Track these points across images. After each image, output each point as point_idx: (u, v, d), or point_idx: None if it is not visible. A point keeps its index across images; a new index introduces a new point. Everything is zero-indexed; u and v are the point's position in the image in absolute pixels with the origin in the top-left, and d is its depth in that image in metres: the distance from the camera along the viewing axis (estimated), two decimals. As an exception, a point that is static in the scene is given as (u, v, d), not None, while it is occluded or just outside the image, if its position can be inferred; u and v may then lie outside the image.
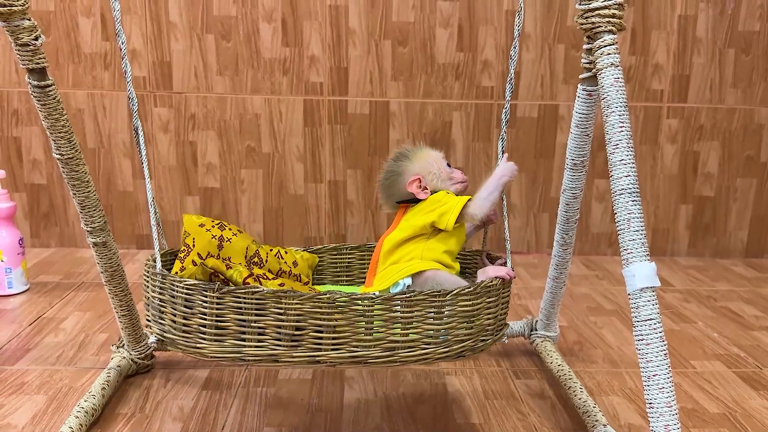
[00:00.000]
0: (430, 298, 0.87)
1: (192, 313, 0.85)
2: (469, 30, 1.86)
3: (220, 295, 0.84)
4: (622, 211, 0.80)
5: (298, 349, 0.85)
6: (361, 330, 0.86)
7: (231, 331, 0.85)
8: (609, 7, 0.84)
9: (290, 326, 0.84)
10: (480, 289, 0.90)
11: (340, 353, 0.86)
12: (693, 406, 1.16)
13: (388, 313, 0.86)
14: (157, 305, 0.89)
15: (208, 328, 0.85)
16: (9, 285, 1.55)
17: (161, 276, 0.87)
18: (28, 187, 1.90)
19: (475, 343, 0.91)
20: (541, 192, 1.97)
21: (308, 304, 0.83)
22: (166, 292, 0.87)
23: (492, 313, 0.93)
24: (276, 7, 1.83)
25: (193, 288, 0.84)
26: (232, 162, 1.91)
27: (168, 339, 0.88)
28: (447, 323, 0.88)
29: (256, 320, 0.84)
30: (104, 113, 1.86)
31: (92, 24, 1.81)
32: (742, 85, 1.93)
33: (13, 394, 1.13)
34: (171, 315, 0.87)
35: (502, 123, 1.06)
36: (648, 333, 0.78)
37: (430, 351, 0.88)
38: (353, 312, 0.85)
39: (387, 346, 0.87)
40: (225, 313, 0.84)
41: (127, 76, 0.91)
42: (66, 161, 0.99)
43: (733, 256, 2.04)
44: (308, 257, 1.15)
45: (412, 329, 0.87)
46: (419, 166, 1.06)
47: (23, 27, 0.85)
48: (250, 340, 0.85)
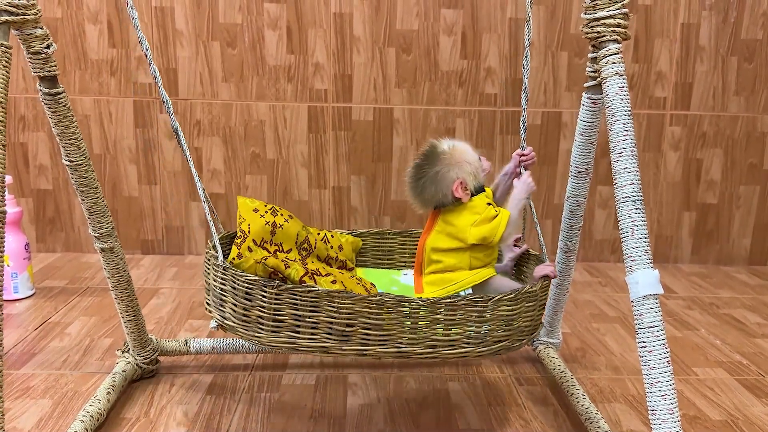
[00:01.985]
0: (473, 303, 0.91)
1: (251, 305, 0.90)
2: (472, 37, 1.87)
3: (279, 292, 0.89)
4: (625, 219, 0.81)
5: (348, 343, 0.90)
6: (407, 329, 0.90)
7: (287, 324, 0.90)
8: (614, 16, 0.85)
9: (341, 323, 0.89)
10: (520, 295, 0.94)
11: (386, 348, 0.91)
12: (695, 413, 1.16)
13: (432, 315, 0.90)
14: (219, 293, 0.94)
15: (266, 320, 0.90)
16: (15, 290, 1.56)
17: (223, 268, 0.92)
18: (34, 193, 1.91)
19: (512, 342, 0.96)
20: (545, 199, 1.98)
21: (359, 304, 0.88)
22: (228, 283, 0.92)
23: (530, 315, 0.97)
24: (281, 15, 1.84)
25: (254, 283, 0.90)
26: (236, 168, 1.92)
27: (228, 326, 0.94)
28: (488, 326, 0.93)
29: (310, 316, 0.89)
30: (110, 119, 1.88)
31: (99, 31, 1.83)
32: (744, 93, 1.94)
33: (19, 398, 1.14)
34: (231, 304, 0.92)
35: (521, 132, 1.09)
36: (651, 340, 0.78)
37: (469, 350, 0.93)
38: (400, 313, 0.90)
39: (429, 344, 0.91)
40: (282, 308, 0.89)
41: (158, 80, 0.92)
42: (75, 167, 1.00)
43: (736, 264, 2.04)
44: (353, 240, 1.19)
45: (454, 330, 0.91)
46: (459, 168, 1.04)
47: (36, 35, 0.87)
48: (304, 333, 0.90)
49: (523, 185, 1.05)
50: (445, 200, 1.05)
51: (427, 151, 1.07)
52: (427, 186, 1.05)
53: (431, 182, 1.05)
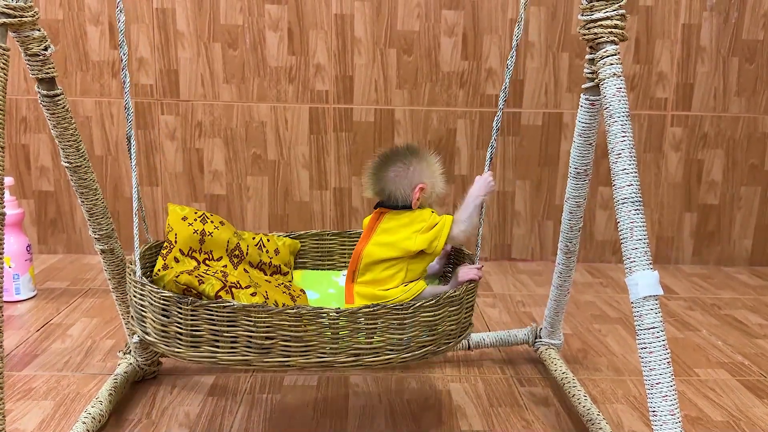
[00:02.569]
0: (393, 311, 0.90)
1: (169, 321, 0.89)
2: (473, 38, 1.87)
3: (194, 308, 0.87)
4: (624, 220, 0.81)
5: (269, 355, 0.89)
6: (327, 339, 0.89)
7: (205, 339, 0.88)
8: (611, 18, 0.85)
9: (260, 336, 0.88)
10: (443, 300, 0.93)
11: (308, 359, 0.89)
12: (697, 414, 1.16)
13: (353, 325, 0.89)
14: (139, 308, 0.93)
15: (184, 335, 0.89)
16: (17, 291, 1.57)
17: (140, 284, 0.91)
18: (35, 194, 1.91)
19: (437, 347, 0.95)
20: (546, 199, 1.98)
21: (277, 317, 0.87)
22: (146, 299, 0.91)
23: (455, 319, 0.95)
24: (282, 16, 1.84)
25: (169, 300, 0.88)
26: (238, 169, 1.92)
27: (149, 341, 0.93)
28: (410, 332, 0.91)
29: (228, 330, 0.88)
30: (111, 121, 1.88)
31: (100, 32, 1.83)
32: (746, 93, 1.94)
33: (21, 399, 1.14)
34: (151, 319, 0.91)
35: (493, 130, 1.05)
36: (651, 341, 0.78)
37: (393, 356, 0.92)
38: (319, 324, 0.88)
39: (352, 353, 0.90)
40: (199, 324, 0.88)
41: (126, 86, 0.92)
42: (74, 169, 1.00)
43: (737, 264, 2.04)
44: (290, 243, 1.17)
45: (377, 338, 0.90)
46: (430, 174, 1.04)
47: (33, 37, 0.87)
48: (224, 347, 0.89)
49: (483, 182, 1.02)
50: (396, 196, 1.03)
51: (412, 147, 1.06)
52: (394, 173, 1.03)
53: (400, 171, 1.03)
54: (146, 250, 1.01)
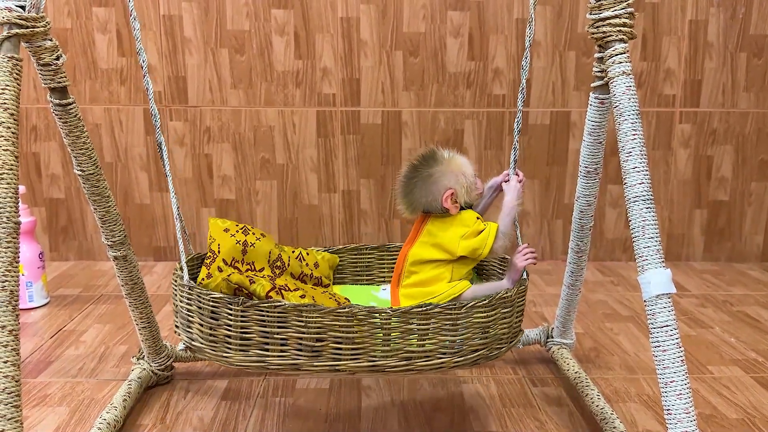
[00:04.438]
0: (446, 311, 0.88)
1: (218, 324, 0.88)
2: (479, 39, 1.87)
3: (245, 308, 0.86)
4: (636, 219, 0.81)
5: (319, 358, 0.87)
6: (379, 341, 0.88)
7: (255, 341, 0.87)
8: (620, 16, 0.85)
9: (311, 338, 0.86)
10: (495, 301, 0.91)
11: (358, 363, 0.88)
12: (711, 411, 1.16)
13: (405, 326, 0.87)
14: (185, 314, 0.92)
15: (233, 338, 0.88)
16: (30, 299, 1.58)
17: (188, 288, 0.90)
18: (47, 202, 1.92)
19: (489, 351, 0.93)
20: (555, 199, 1.97)
21: (328, 317, 0.86)
22: (194, 302, 0.90)
23: (507, 322, 0.94)
24: (288, 21, 1.85)
25: (219, 301, 0.87)
26: (246, 174, 1.92)
27: (195, 347, 0.92)
28: (462, 334, 0.90)
29: (278, 332, 0.86)
30: (121, 127, 1.89)
31: (108, 40, 1.84)
32: (754, 88, 1.93)
33: (37, 406, 1.15)
34: (198, 324, 0.90)
35: (514, 132, 1.07)
36: (665, 339, 0.78)
37: (445, 360, 0.90)
38: (371, 324, 0.87)
39: (404, 356, 0.89)
40: (249, 325, 0.87)
41: (149, 92, 0.93)
42: (87, 177, 1.01)
43: (748, 261, 2.03)
44: (329, 258, 1.17)
45: (428, 340, 0.89)
46: (453, 178, 1.02)
47: (45, 47, 0.88)
48: (273, 350, 0.87)
49: (515, 191, 1.03)
50: (431, 207, 1.03)
51: (426, 154, 1.05)
52: (418, 187, 1.03)
53: (422, 184, 1.02)
54: (188, 261, 1.00)
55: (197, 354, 0.92)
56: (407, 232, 1.96)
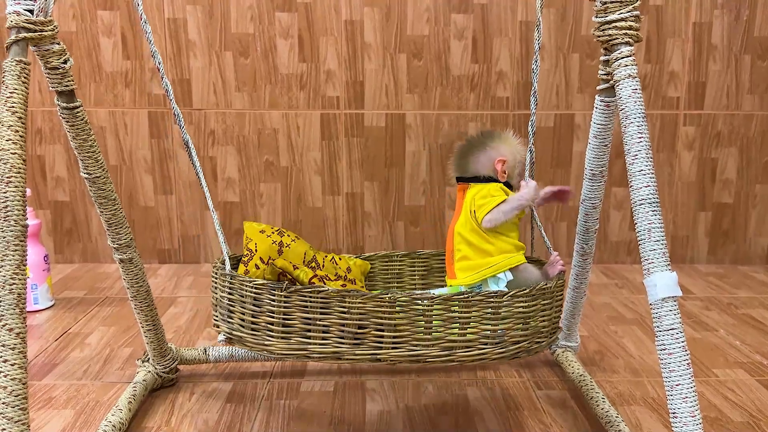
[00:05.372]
0: (487, 299, 0.90)
1: (260, 311, 0.90)
2: (483, 41, 1.88)
3: (288, 294, 0.88)
4: (642, 222, 0.81)
5: (360, 347, 0.89)
6: (421, 329, 0.89)
7: (297, 329, 0.89)
8: (626, 19, 0.85)
9: (353, 324, 0.88)
10: (536, 291, 0.93)
11: (399, 352, 0.89)
12: (716, 414, 1.16)
13: (446, 313, 0.89)
14: (226, 305, 0.93)
15: (275, 326, 0.89)
16: (35, 301, 1.58)
17: (230, 277, 0.92)
18: (51, 204, 1.93)
19: (530, 344, 0.94)
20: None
21: (370, 303, 0.88)
22: (236, 291, 0.91)
23: (547, 315, 0.96)
24: (293, 24, 1.85)
25: (262, 287, 0.89)
26: (251, 176, 1.93)
27: (236, 337, 0.93)
28: (504, 324, 0.91)
29: (320, 318, 0.88)
30: (126, 130, 1.90)
31: (113, 43, 1.85)
32: (759, 90, 1.93)
33: (42, 408, 1.15)
34: (240, 314, 0.91)
35: (529, 135, 1.11)
36: (670, 343, 0.78)
37: (486, 351, 0.91)
38: (413, 311, 0.89)
39: (445, 346, 0.90)
40: (292, 312, 0.88)
41: (170, 94, 0.95)
42: (93, 180, 1.01)
43: (753, 263, 2.03)
44: (360, 263, 1.19)
45: (470, 329, 0.90)
46: (509, 150, 1.09)
47: (53, 51, 0.88)
48: (315, 337, 0.89)
49: (533, 191, 1.04)
50: (482, 169, 1.08)
51: (485, 132, 1.14)
52: (476, 150, 1.09)
53: (480, 150, 1.09)
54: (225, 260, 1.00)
55: (237, 344, 0.93)
56: (411, 235, 1.97)
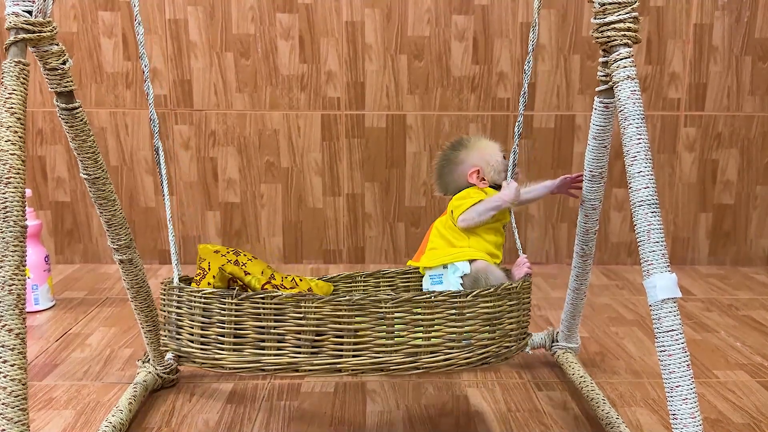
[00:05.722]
0: (451, 299, 0.87)
1: (210, 322, 0.85)
2: (484, 43, 1.88)
3: (239, 301, 0.84)
4: (642, 223, 0.81)
5: (319, 356, 0.84)
6: (383, 333, 0.85)
7: (250, 339, 0.84)
8: (624, 20, 0.85)
9: (310, 331, 0.83)
10: (501, 291, 0.90)
11: (361, 360, 0.85)
12: (717, 416, 1.15)
13: (409, 315, 0.86)
14: (174, 320, 0.89)
15: (226, 337, 0.85)
16: (35, 301, 1.58)
17: (178, 289, 0.88)
18: (52, 205, 1.93)
19: (498, 348, 0.91)
20: (559, 202, 1.97)
21: (328, 307, 0.83)
22: (184, 305, 0.87)
23: (514, 317, 0.93)
24: (293, 25, 1.85)
25: (211, 296, 0.85)
26: (251, 177, 1.93)
27: (184, 353, 0.88)
28: (469, 325, 0.88)
29: (275, 326, 0.83)
30: (126, 131, 1.90)
31: (114, 44, 1.85)
32: (759, 92, 1.92)
33: (42, 409, 1.15)
34: (188, 328, 0.87)
35: (514, 136, 1.10)
36: (670, 344, 0.78)
37: (453, 356, 0.87)
38: (374, 314, 0.84)
39: (409, 351, 0.86)
40: (243, 321, 0.84)
41: (150, 97, 0.94)
42: (93, 181, 1.01)
43: (754, 264, 2.02)
44: (323, 285, 1.14)
45: (434, 332, 0.86)
46: (479, 156, 1.09)
47: (52, 52, 0.88)
48: (270, 348, 0.84)
49: (513, 192, 1.04)
50: (460, 185, 1.09)
51: (454, 141, 1.13)
52: (447, 170, 1.10)
53: (452, 167, 1.10)
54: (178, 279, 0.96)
55: (186, 361, 0.88)
56: (412, 236, 1.97)
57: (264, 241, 1.96)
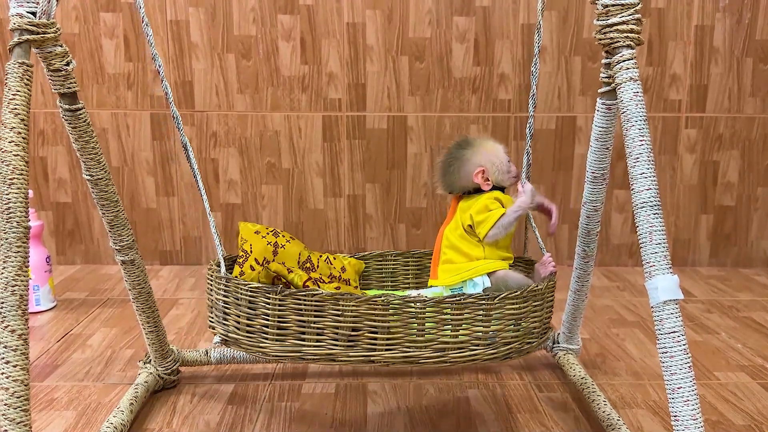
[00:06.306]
0: (479, 301, 0.91)
1: (255, 314, 0.91)
2: (485, 44, 1.88)
3: (282, 297, 0.89)
4: (644, 224, 0.81)
5: (354, 348, 0.90)
6: (414, 331, 0.90)
7: (292, 331, 0.90)
8: (627, 22, 0.85)
9: (347, 327, 0.89)
10: (527, 293, 0.94)
11: (393, 353, 0.90)
12: (718, 418, 1.15)
13: (439, 315, 0.90)
14: (222, 307, 0.94)
15: (270, 328, 0.91)
16: (37, 302, 1.58)
17: (226, 279, 0.93)
18: (53, 206, 1.93)
19: (521, 345, 0.95)
20: (561, 203, 1.97)
21: (364, 306, 0.89)
22: (231, 294, 0.93)
23: (538, 316, 0.97)
24: (295, 26, 1.85)
25: (257, 290, 0.90)
26: (252, 178, 1.93)
27: (232, 339, 0.94)
28: (495, 325, 0.92)
29: (315, 321, 0.89)
30: (128, 132, 1.90)
31: (115, 45, 1.85)
32: (760, 93, 1.93)
33: (44, 410, 1.15)
34: (235, 316, 0.93)
35: (527, 137, 1.12)
36: (672, 346, 0.78)
37: (478, 352, 0.92)
38: (406, 314, 0.90)
39: (438, 347, 0.91)
40: (286, 314, 0.90)
41: (169, 96, 0.97)
42: (96, 182, 1.01)
43: (755, 266, 2.03)
44: (355, 263, 1.19)
45: (462, 330, 0.91)
46: (484, 157, 1.10)
47: (55, 53, 0.88)
48: (310, 339, 0.90)
49: (530, 193, 1.07)
50: (466, 185, 1.10)
51: (460, 140, 1.13)
52: (453, 168, 1.10)
53: (458, 165, 1.10)
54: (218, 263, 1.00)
55: (232, 346, 0.94)
56: (413, 237, 1.97)
57: (265, 242, 1.96)
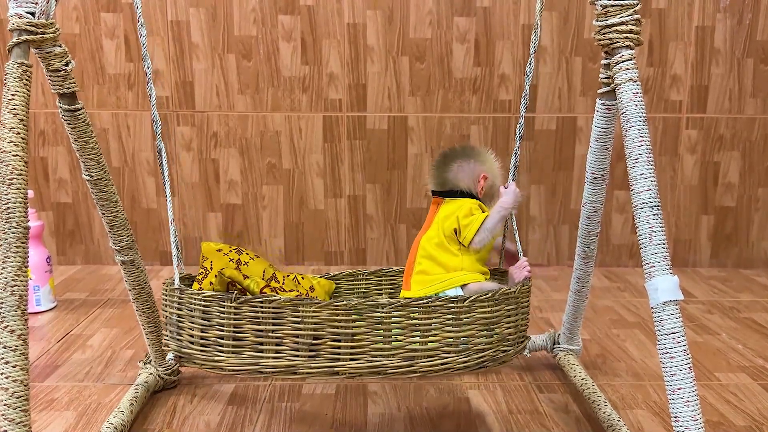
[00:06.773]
0: (448, 304, 0.86)
1: (210, 325, 0.85)
2: (486, 45, 1.88)
3: (237, 305, 0.84)
4: (643, 225, 0.81)
5: (316, 359, 0.84)
6: (380, 338, 0.85)
7: (248, 342, 0.84)
8: (626, 23, 0.85)
9: (308, 335, 0.83)
10: (498, 296, 0.90)
11: (358, 363, 0.85)
12: (719, 419, 1.15)
13: (406, 320, 0.85)
14: (175, 321, 0.89)
15: (225, 339, 0.85)
16: (37, 302, 1.58)
17: (179, 291, 0.88)
18: (54, 206, 1.93)
19: (495, 352, 0.90)
20: (561, 204, 1.97)
21: (325, 311, 0.83)
22: (184, 307, 0.88)
23: (512, 321, 0.93)
24: (295, 27, 1.85)
25: (211, 299, 0.85)
26: (253, 178, 1.93)
27: (185, 354, 0.88)
28: (466, 330, 0.88)
29: (273, 330, 0.83)
30: (128, 132, 1.90)
31: (116, 45, 1.85)
32: (761, 94, 1.92)
33: (44, 410, 1.15)
34: (189, 330, 0.87)
35: (516, 138, 1.11)
36: (672, 347, 0.78)
37: (450, 360, 0.87)
38: (371, 319, 0.84)
39: (406, 355, 0.86)
40: (242, 324, 0.84)
41: (152, 99, 0.94)
42: (95, 182, 1.01)
43: (756, 267, 2.02)
44: (325, 283, 1.14)
45: (431, 337, 0.86)
46: (490, 168, 1.11)
47: (54, 53, 0.88)
48: (268, 351, 0.84)
49: (514, 195, 1.05)
50: (461, 186, 1.09)
51: (470, 146, 1.13)
52: (457, 165, 1.09)
53: (463, 164, 1.09)
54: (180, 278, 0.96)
55: (186, 362, 0.89)
56: (413, 238, 1.97)
57: (265, 243, 1.96)
